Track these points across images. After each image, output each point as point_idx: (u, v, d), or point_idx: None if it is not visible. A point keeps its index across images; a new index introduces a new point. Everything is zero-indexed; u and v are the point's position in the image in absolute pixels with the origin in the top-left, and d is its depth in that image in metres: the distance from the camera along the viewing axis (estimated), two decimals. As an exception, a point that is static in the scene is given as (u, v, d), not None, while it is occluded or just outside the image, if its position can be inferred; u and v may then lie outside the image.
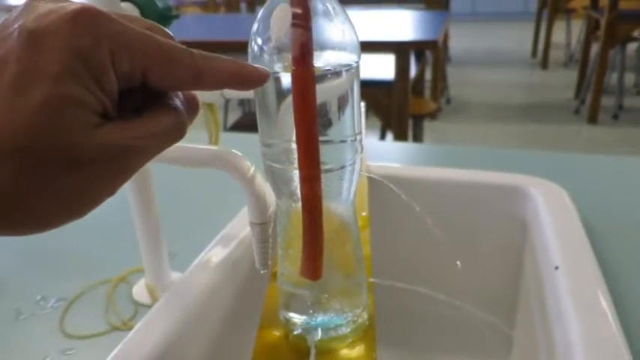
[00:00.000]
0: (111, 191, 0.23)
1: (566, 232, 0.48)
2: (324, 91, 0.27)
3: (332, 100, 0.28)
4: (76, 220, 0.22)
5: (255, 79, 0.26)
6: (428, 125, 2.86)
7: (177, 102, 0.25)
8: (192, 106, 0.26)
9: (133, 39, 0.22)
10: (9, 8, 3.28)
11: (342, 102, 0.29)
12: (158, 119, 0.23)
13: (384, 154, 0.81)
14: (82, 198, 0.22)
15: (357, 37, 0.29)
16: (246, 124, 2.21)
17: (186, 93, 0.26)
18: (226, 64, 0.24)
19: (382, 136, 2.22)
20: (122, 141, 0.21)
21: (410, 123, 1.99)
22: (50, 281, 0.53)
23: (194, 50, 0.23)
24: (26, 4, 0.22)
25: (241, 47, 0.32)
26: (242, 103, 3.01)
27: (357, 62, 0.29)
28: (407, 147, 0.94)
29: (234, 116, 2.59)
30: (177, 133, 0.24)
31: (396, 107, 1.84)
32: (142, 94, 0.23)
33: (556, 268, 0.43)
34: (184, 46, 0.23)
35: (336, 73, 0.28)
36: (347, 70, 0.28)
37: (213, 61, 0.24)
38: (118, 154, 0.21)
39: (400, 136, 1.88)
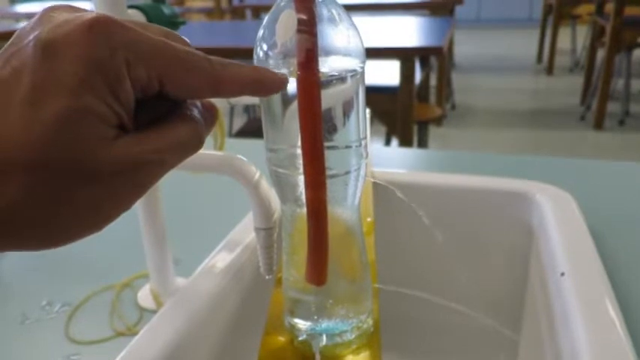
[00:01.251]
0: (127, 205, 0.22)
1: (572, 238, 0.47)
2: (329, 97, 0.27)
3: (337, 106, 0.28)
4: (92, 234, 0.22)
5: (275, 85, 0.25)
6: (433, 131, 2.86)
7: (195, 111, 0.24)
8: (211, 115, 0.25)
9: (148, 47, 0.21)
10: (18, 16, 3.31)
11: (347, 107, 0.29)
12: (175, 131, 0.22)
13: (389, 160, 0.81)
14: (98, 213, 0.21)
15: (362, 42, 0.29)
16: (252, 129, 2.22)
17: (203, 101, 0.25)
18: (244, 70, 0.23)
19: (387, 142, 2.22)
20: (139, 155, 0.21)
21: (415, 129, 1.99)
22: (56, 286, 0.53)
23: (211, 57, 0.23)
24: (42, 14, 0.21)
25: (247, 54, 0.32)
26: (247, 108, 3.02)
27: (362, 67, 0.29)
28: (412, 153, 0.94)
29: (239, 122, 2.60)
30: (194, 144, 0.23)
31: (401, 113, 1.84)
32: (159, 103, 0.23)
33: (562, 274, 0.42)
34: (202, 53, 0.23)
35: (341, 79, 0.28)
36: (352, 76, 0.28)
37: (231, 68, 0.23)
38: (134, 168, 0.21)
39: (405, 142, 1.88)
